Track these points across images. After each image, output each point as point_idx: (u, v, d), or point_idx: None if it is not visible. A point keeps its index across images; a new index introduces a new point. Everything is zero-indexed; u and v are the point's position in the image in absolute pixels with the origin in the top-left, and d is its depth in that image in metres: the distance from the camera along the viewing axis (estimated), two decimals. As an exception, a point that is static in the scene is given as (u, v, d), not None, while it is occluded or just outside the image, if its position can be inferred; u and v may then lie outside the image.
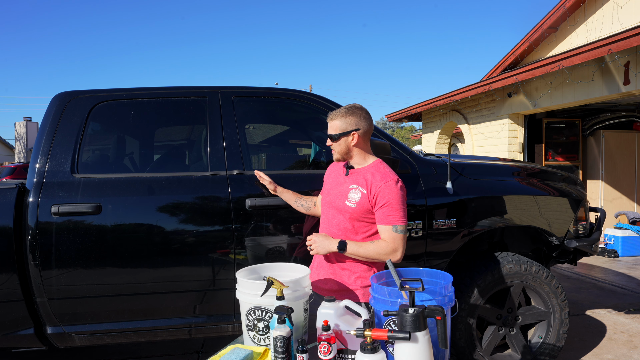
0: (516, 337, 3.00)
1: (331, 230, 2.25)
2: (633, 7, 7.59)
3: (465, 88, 8.44)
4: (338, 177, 2.35)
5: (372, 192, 2.14)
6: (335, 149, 2.27)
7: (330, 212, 2.29)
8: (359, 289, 2.21)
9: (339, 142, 2.25)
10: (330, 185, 2.36)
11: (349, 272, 2.22)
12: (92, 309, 2.56)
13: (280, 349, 1.65)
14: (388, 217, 2.13)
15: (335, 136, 2.24)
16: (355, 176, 2.25)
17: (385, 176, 2.16)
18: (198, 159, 3.00)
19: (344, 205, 2.20)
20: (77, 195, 2.53)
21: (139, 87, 2.84)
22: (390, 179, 2.15)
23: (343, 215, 2.21)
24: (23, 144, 23.32)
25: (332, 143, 2.27)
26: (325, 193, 2.38)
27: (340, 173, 2.35)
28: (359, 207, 2.16)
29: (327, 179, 2.44)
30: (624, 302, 4.79)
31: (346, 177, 2.29)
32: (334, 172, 2.41)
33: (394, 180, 2.15)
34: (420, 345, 1.61)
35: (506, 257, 2.98)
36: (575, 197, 3.24)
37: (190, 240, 2.62)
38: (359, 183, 2.21)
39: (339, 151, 2.27)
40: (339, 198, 2.25)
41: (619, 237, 7.13)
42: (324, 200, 2.38)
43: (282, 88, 2.99)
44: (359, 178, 2.23)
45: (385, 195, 2.12)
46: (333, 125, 2.25)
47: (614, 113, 8.29)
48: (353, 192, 2.20)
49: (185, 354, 3.66)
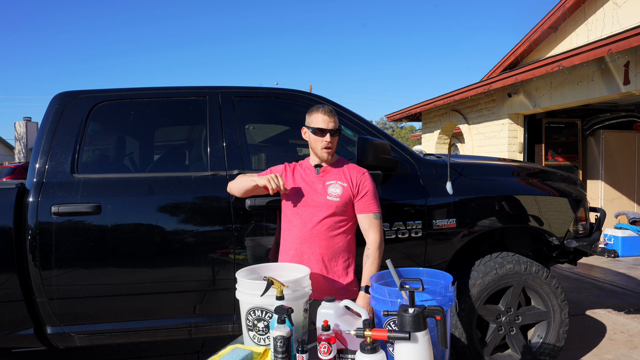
0: (516, 337, 3.00)
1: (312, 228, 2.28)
2: (633, 7, 7.59)
3: (465, 88, 8.44)
4: (305, 177, 2.37)
5: (354, 183, 2.31)
6: (333, 146, 2.31)
7: (307, 211, 2.31)
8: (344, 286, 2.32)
9: (336, 138, 2.32)
10: (300, 184, 2.36)
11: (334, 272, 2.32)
12: (92, 309, 2.56)
13: (280, 349, 1.65)
14: (369, 206, 2.32)
15: (339, 128, 2.31)
16: (329, 173, 2.35)
17: (359, 168, 2.41)
18: (198, 159, 2.99)
19: (326, 201, 2.29)
20: (77, 195, 2.53)
21: (138, 87, 2.84)
22: (364, 171, 2.38)
23: (324, 211, 2.28)
24: (23, 144, 23.33)
25: (331, 139, 2.29)
26: (291, 193, 2.35)
27: (305, 174, 2.38)
28: (342, 199, 2.29)
29: (288, 178, 2.39)
30: (624, 302, 4.79)
31: (318, 176, 2.35)
32: (300, 173, 2.39)
33: (367, 172, 2.38)
34: (420, 345, 1.61)
35: (506, 257, 2.98)
36: (575, 197, 3.24)
37: (190, 240, 2.61)
38: (336, 178, 2.33)
39: (334, 147, 2.33)
40: (317, 196, 2.30)
41: (619, 237, 7.13)
42: (291, 201, 2.35)
43: (282, 88, 2.98)
44: (333, 174, 2.34)
45: (366, 185, 2.33)
46: (336, 120, 2.31)
47: (614, 113, 8.29)
48: (333, 187, 2.30)
49: (185, 354, 3.66)
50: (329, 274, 2.29)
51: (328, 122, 2.28)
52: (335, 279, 2.30)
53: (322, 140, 2.28)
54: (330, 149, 2.30)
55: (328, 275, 2.29)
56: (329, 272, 2.29)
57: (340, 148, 3.05)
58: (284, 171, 2.42)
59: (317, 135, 2.28)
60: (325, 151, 2.30)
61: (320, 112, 2.29)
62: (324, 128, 2.27)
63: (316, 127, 2.28)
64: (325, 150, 2.30)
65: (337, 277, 2.31)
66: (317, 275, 2.27)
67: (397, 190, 2.80)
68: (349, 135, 3.01)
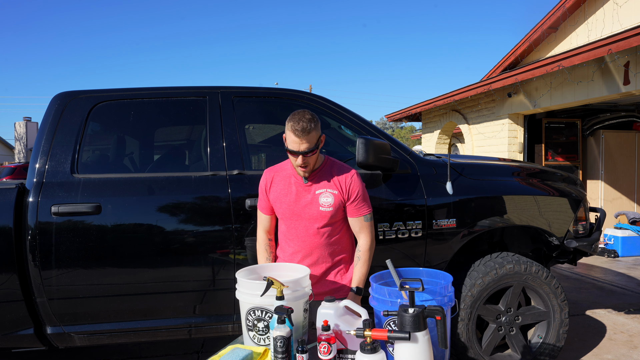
0: (516, 337, 3.00)
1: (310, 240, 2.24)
2: (633, 7, 7.59)
3: (465, 88, 8.44)
4: (292, 186, 2.24)
5: (344, 188, 2.21)
6: (311, 163, 2.14)
7: (302, 224, 2.23)
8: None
9: (316, 154, 2.13)
10: (286, 197, 2.24)
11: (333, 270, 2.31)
12: (92, 309, 2.56)
13: (280, 349, 1.65)
14: (360, 209, 2.25)
15: (314, 147, 2.08)
16: (317, 181, 2.22)
17: (347, 169, 2.26)
18: (198, 159, 3.00)
19: (319, 212, 2.20)
20: (77, 195, 2.53)
21: (138, 87, 2.85)
22: (353, 172, 2.26)
23: (319, 221, 2.21)
24: (23, 144, 23.32)
25: (304, 160, 2.09)
26: (284, 206, 2.25)
27: (290, 182, 2.25)
28: (335, 207, 2.22)
29: (274, 192, 2.28)
30: (624, 302, 4.79)
31: (306, 185, 2.22)
32: (281, 184, 2.27)
33: (355, 172, 2.26)
34: (420, 345, 1.61)
35: (506, 257, 2.98)
36: (575, 197, 3.24)
37: (190, 240, 2.61)
38: (325, 186, 2.21)
39: (314, 163, 2.17)
40: (308, 207, 2.21)
41: (618, 237, 7.13)
42: (284, 212, 2.26)
43: (282, 88, 2.99)
44: (322, 181, 2.22)
45: (356, 189, 2.23)
46: (311, 138, 2.05)
47: (613, 113, 8.28)
48: (324, 197, 2.20)
49: (185, 354, 3.66)
50: (334, 278, 2.30)
51: (300, 144, 2.05)
52: (337, 280, 2.30)
53: (295, 160, 2.12)
54: (306, 168, 2.14)
55: (331, 279, 2.29)
56: (333, 276, 2.30)
57: (341, 148, 3.05)
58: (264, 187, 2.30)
59: (290, 155, 2.13)
60: (300, 169, 2.15)
61: (291, 132, 2.05)
62: (295, 150, 2.07)
63: (288, 147, 2.09)
64: (301, 169, 2.14)
65: (340, 278, 2.31)
66: (320, 280, 2.27)
67: (397, 190, 2.80)
68: (349, 135, 3.01)
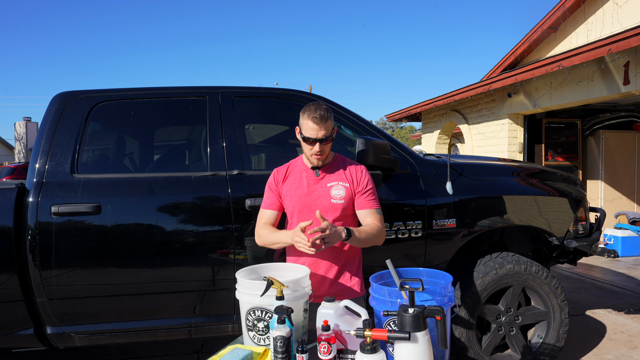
0: (516, 337, 3.00)
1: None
2: (633, 7, 7.59)
3: (465, 88, 8.44)
4: (303, 180, 2.26)
5: (355, 181, 2.26)
6: (325, 151, 2.20)
7: (313, 216, 2.19)
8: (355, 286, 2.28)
9: (330, 143, 2.21)
10: (297, 190, 2.26)
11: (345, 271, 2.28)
12: (92, 309, 2.56)
13: (280, 349, 1.65)
14: (371, 202, 2.27)
15: (330, 136, 2.17)
16: (328, 174, 2.27)
17: (357, 165, 2.35)
18: (198, 159, 3.00)
19: (330, 205, 2.22)
20: (77, 195, 2.53)
21: (138, 87, 2.84)
22: (363, 167, 2.33)
23: (331, 214, 2.21)
24: (23, 144, 23.31)
25: (321, 147, 2.16)
26: (295, 198, 2.25)
27: (302, 177, 2.27)
28: (347, 199, 2.24)
29: (287, 185, 2.29)
30: (624, 302, 4.79)
31: (317, 178, 2.25)
32: (293, 178, 2.29)
33: (365, 168, 2.33)
34: (420, 345, 1.61)
35: (506, 257, 2.98)
36: (575, 197, 3.24)
37: (190, 240, 2.61)
38: (337, 179, 2.26)
39: (327, 153, 2.23)
40: (320, 200, 2.23)
41: (618, 237, 7.13)
42: (295, 205, 2.26)
43: (282, 88, 2.99)
44: (334, 174, 2.26)
45: (367, 182, 2.28)
46: (328, 126, 2.15)
47: (613, 113, 8.28)
48: (335, 189, 2.23)
49: (185, 354, 3.66)
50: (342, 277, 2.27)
51: (317, 131, 2.12)
52: (347, 279, 2.28)
53: (311, 149, 2.17)
54: (321, 156, 2.19)
55: (340, 278, 2.27)
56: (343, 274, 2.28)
57: (341, 148, 3.05)
58: (274, 183, 2.32)
59: (307, 143, 2.18)
60: (315, 157, 2.19)
61: (309, 119, 2.12)
62: (313, 138, 2.14)
63: (305, 135, 2.16)
64: (316, 157, 2.19)
65: (349, 277, 2.29)
66: (328, 280, 2.25)
67: (397, 190, 2.80)
68: (349, 135, 3.01)
